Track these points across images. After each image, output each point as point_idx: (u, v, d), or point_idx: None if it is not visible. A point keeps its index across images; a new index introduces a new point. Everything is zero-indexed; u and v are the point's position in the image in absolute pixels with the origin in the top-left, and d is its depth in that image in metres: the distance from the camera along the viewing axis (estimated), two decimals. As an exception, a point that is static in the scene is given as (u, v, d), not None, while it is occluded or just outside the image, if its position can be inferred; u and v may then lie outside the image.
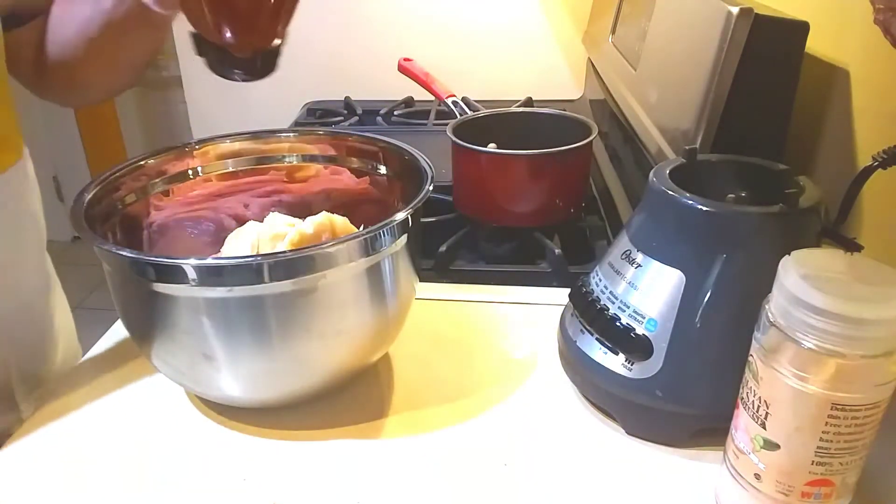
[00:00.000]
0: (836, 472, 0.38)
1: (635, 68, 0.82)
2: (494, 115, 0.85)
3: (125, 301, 0.50)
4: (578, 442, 0.50)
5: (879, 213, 0.54)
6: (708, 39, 0.57)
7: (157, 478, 0.48)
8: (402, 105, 1.25)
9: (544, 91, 1.28)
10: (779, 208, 0.45)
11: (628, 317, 0.48)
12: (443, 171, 0.75)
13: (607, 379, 0.49)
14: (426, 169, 0.54)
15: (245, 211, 0.62)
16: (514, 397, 0.54)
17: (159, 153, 0.59)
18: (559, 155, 0.73)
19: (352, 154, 0.63)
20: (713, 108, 0.56)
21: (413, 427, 0.51)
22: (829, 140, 0.60)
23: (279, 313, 0.46)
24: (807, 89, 0.57)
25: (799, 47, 0.55)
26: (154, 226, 0.58)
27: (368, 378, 0.56)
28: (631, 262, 0.49)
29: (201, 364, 0.47)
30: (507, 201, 0.75)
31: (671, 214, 0.48)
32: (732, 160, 0.53)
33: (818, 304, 0.35)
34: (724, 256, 0.45)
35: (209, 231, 0.60)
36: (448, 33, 1.31)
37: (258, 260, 0.45)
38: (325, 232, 0.51)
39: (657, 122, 0.70)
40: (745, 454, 0.40)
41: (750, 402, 0.40)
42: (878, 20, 0.38)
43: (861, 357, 0.35)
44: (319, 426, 0.51)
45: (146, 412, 0.54)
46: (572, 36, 1.30)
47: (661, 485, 0.46)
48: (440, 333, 0.62)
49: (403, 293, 0.53)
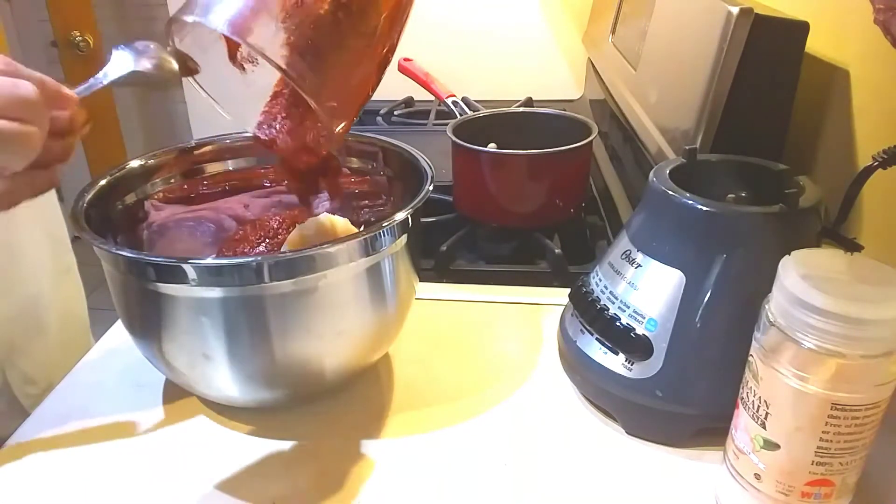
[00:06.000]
0: (836, 472, 0.38)
1: (635, 68, 0.82)
2: (494, 115, 0.85)
3: (125, 301, 0.50)
4: (578, 442, 0.50)
5: (879, 213, 0.54)
6: (708, 39, 0.57)
7: (157, 477, 0.48)
8: (402, 105, 1.25)
9: (544, 91, 1.28)
10: (779, 208, 0.45)
11: (628, 317, 0.48)
12: (443, 171, 0.75)
13: (607, 379, 0.49)
14: (426, 169, 0.54)
15: (245, 211, 0.62)
16: (514, 397, 0.54)
17: (159, 153, 0.59)
18: (559, 155, 0.73)
19: (352, 154, 0.63)
20: (713, 108, 0.56)
21: (413, 427, 0.51)
22: (829, 140, 0.60)
23: (279, 313, 0.46)
24: (807, 89, 0.57)
25: (799, 47, 0.55)
26: (154, 226, 0.58)
27: (368, 378, 0.56)
28: (631, 262, 0.49)
29: (201, 364, 0.47)
30: (507, 201, 0.75)
31: (671, 214, 0.48)
32: (732, 160, 0.53)
33: (818, 304, 0.35)
34: (724, 256, 0.45)
35: (209, 231, 0.60)
36: (448, 33, 1.31)
37: (258, 260, 0.45)
38: (325, 232, 0.51)
39: (657, 122, 0.70)
40: (745, 454, 0.40)
41: (750, 402, 0.40)
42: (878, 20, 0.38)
43: (861, 357, 0.35)
44: (319, 426, 0.51)
45: (146, 412, 0.54)
46: (572, 36, 1.30)
47: (661, 485, 0.46)
48: (440, 333, 0.62)
49: (403, 293, 0.53)
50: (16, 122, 0.34)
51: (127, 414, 0.53)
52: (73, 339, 0.73)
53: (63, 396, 0.56)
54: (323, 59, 0.43)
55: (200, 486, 0.47)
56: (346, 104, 0.47)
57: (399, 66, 1.07)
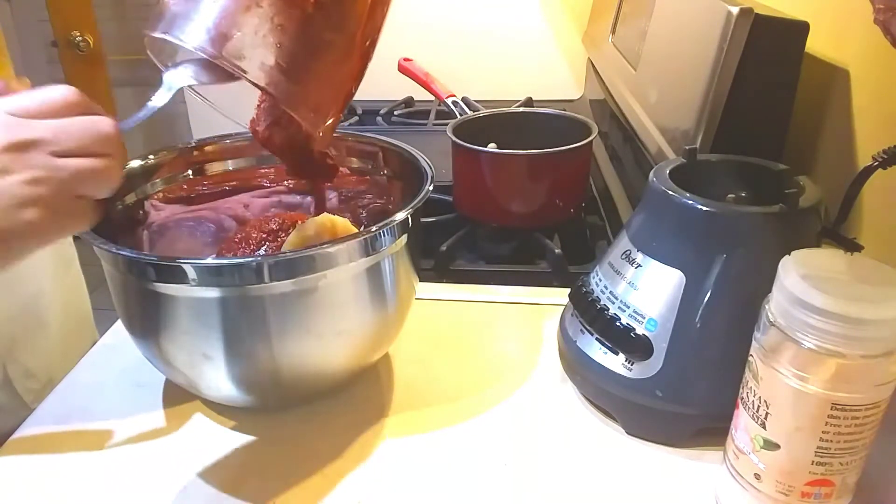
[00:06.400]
0: (836, 472, 0.38)
1: (635, 68, 0.82)
2: (494, 115, 0.85)
3: (125, 301, 0.50)
4: (578, 442, 0.50)
5: (879, 213, 0.54)
6: (708, 39, 0.57)
7: (157, 477, 0.48)
8: (402, 105, 1.25)
9: (544, 91, 1.28)
10: (779, 208, 0.45)
11: (628, 317, 0.48)
12: (443, 171, 0.75)
13: (607, 379, 0.49)
14: (426, 169, 0.54)
15: (245, 211, 0.62)
16: (514, 397, 0.54)
17: (159, 153, 0.59)
18: (559, 155, 0.73)
19: (352, 154, 0.63)
20: (713, 108, 0.56)
21: (413, 427, 0.51)
22: (829, 140, 0.60)
23: (279, 313, 0.46)
24: (807, 89, 0.57)
25: (799, 47, 0.55)
26: (154, 226, 0.58)
27: (368, 378, 0.56)
28: (631, 262, 0.49)
29: (201, 364, 0.47)
30: (507, 201, 0.75)
31: (671, 214, 0.48)
32: (732, 160, 0.53)
33: (818, 304, 0.35)
34: (724, 256, 0.45)
35: (209, 231, 0.60)
36: (448, 33, 1.31)
37: (258, 260, 0.45)
38: (325, 232, 0.51)
39: (657, 122, 0.70)
40: (745, 454, 0.40)
41: (750, 402, 0.40)
42: (878, 20, 0.38)
43: (861, 357, 0.35)
44: (319, 426, 0.51)
45: (146, 412, 0.54)
46: (572, 36, 1.30)
47: (661, 485, 0.46)
48: (440, 333, 0.62)
49: (403, 293, 0.53)
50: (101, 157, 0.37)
51: (127, 414, 0.53)
52: (75, 331, 0.73)
53: (63, 396, 0.56)
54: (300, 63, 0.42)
55: (200, 486, 0.47)
56: (327, 105, 0.46)
57: (399, 66, 1.07)
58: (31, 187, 0.35)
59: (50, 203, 0.36)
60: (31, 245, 0.37)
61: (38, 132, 0.35)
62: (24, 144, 0.34)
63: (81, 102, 0.38)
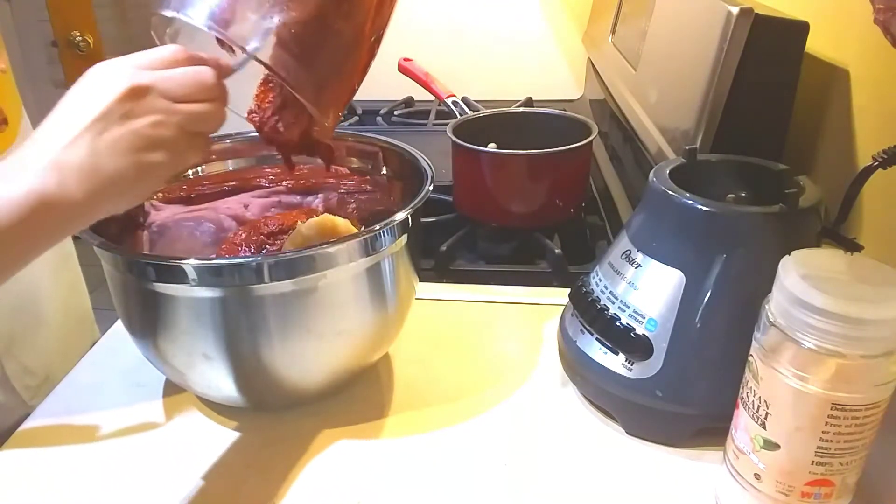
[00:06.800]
0: (836, 472, 0.38)
1: (635, 68, 0.82)
2: (494, 115, 0.85)
3: (125, 301, 0.50)
4: (578, 442, 0.50)
5: (879, 213, 0.54)
6: (708, 39, 0.57)
7: (157, 477, 0.48)
8: (402, 105, 1.25)
9: (544, 91, 1.28)
10: (779, 208, 0.45)
11: (628, 317, 0.48)
12: (443, 171, 0.75)
13: (607, 379, 0.49)
14: (426, 169, 0.54)
15: (245, 211, 0.62)
16: (514, 397, 0.54)
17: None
18: (559, 155, 0.73)
19: (352, 154, 0.63)
20: (713, 108, 0.56)
21: (413, 427, 0.51)
22: (829, 140, 0.60)
23: (279, 313, 0.46)
24: (807, 89, 0.57)
25: (799, 47, 0.55)
26: (154, 226, 0.58)
27: (368, 378, 0.56)
28: (631, 262, 0.49)
29: (201, 364, 0.47)
30: (507, 201, 0.75)
31: (671, 214, 0.48)
32: (732, 160, 0.53)
33: (818, 304, 0.35)
34: (724, 256, 0.45)
35: (209, 231, 0.60)
36: (448, 33, 1.31)
37: (258, 260, 0.45)
38: (325, 232, 0.51)
39: (657, 122, 0.70)
40: (745, 454, 0.40)
41: (750, 402, 0.39)
42: (878, 20, 0.38)
43: (861, 357, 0.35)
44: (319, 426, 0.51)
45: (146, 412, 0.54)
46: (572, 36, 1.30)
47: (661, 485, 0.46)
48: (440, 333, 0.62)
49: (403, 293, 0.53)
50: (205, 103, 0.41)
51: (127, 414, 0.53)
52: (75, 330, 0.73)
53: (63, 396, 0.56)
54: (310, 51, 0.43)
55: (200, 486, 0.47)
56: (334, 94, 0.46)
57: (399, 66, 1.07)
58: (154, 129, 0.38)
59: (171, 143, 0.39)
60: (158, 181, 0.41)
61: (154, 79, 0.39)
62: (143, 89, 0.38)
63: (187, 56, 0.41)
